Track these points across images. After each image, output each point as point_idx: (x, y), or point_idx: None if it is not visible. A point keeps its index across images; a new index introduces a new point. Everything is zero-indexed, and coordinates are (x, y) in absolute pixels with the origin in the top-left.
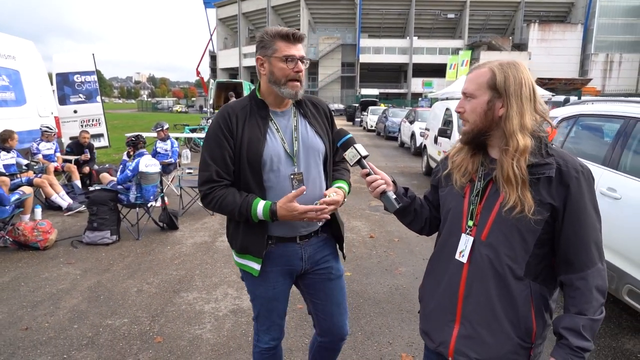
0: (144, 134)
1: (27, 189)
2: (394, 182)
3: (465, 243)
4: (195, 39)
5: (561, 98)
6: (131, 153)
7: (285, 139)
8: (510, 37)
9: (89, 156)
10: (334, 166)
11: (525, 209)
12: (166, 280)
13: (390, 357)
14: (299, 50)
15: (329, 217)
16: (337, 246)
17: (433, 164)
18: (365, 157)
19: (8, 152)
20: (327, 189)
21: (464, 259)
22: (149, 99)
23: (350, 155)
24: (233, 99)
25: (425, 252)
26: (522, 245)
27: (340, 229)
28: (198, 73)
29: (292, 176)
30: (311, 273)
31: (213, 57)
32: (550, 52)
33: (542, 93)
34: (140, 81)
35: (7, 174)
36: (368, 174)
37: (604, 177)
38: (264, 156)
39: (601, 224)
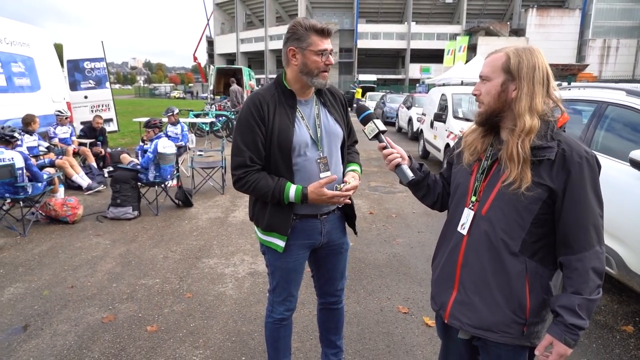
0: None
1: (51, 170)
2: (409, 157)
3: (467, 217)
4: (191, 23)
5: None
6: (152, 134)
7: (309, 126)
8: (508, 23)
9: (102, 151)
10: (347, 149)
11: (522, 185)
12: (188, 248)
13: (389, 309)
14: (329, 44)
15: (350, 201)
16: (347, 223)
17: (429, 148)
18: (383, 132)
19: (31, 135)
20: (343, 170)
21: (464, 231)
22: (146, 85)
23: (369, 129)
24: (235, 86)
25: (420, 226)
26: (518, 222)
27: (353, 207)
28: (195, 59)
29: (318, 160)
30: (326, 247)
31: (210, 43)
32: (548, 37)
33: None
34: (136, 67)
35: (31, 155)
36: (385, 147)
37: None
38: (293, 143)
39: (603, 209)
